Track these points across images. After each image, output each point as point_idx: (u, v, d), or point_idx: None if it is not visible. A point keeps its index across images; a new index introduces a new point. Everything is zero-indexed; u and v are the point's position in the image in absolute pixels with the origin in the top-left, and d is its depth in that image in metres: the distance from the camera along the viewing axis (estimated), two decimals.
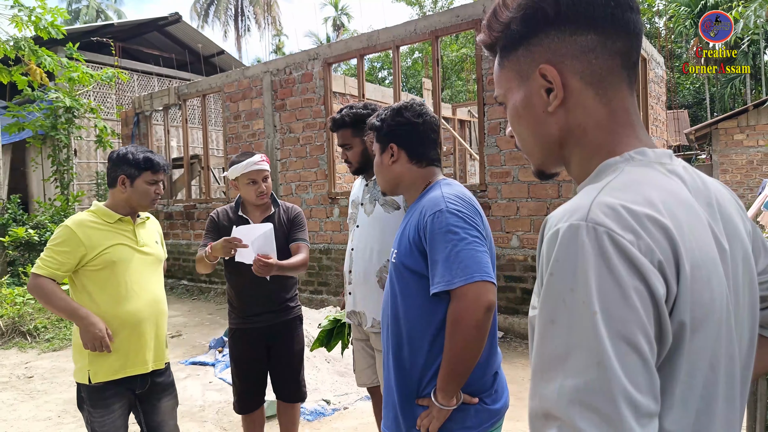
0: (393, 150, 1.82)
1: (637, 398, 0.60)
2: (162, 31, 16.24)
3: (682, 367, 0.67)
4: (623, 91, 0.79)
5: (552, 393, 0.63)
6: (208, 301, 8.66)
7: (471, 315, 1.52)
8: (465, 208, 1.63)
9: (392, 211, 2.41)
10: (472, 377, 1.59)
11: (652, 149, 0.78)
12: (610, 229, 0.64)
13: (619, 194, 0.68)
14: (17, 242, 8.24)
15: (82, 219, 2.39)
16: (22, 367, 5.48)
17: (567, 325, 0.64)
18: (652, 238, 0.65)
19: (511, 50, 0.84)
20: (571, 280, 0.65)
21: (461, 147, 12.26)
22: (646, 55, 8.00)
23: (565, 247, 0.66)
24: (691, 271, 0.66)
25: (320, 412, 3.98)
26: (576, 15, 0.77)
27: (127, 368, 2.38)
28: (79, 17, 37.90)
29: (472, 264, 1.54)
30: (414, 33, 6.63)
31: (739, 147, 15.10)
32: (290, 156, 7.95)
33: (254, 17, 39.34)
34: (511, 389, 1.97)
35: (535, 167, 0.90)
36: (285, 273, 2.80)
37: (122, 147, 2.50)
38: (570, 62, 0.78)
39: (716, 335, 0.69)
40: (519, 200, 5.82)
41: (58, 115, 9.61)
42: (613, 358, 0.60)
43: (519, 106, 0.85)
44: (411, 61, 30.10)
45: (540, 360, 0.67)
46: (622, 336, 0.61)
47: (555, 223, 0.70)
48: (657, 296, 0.63)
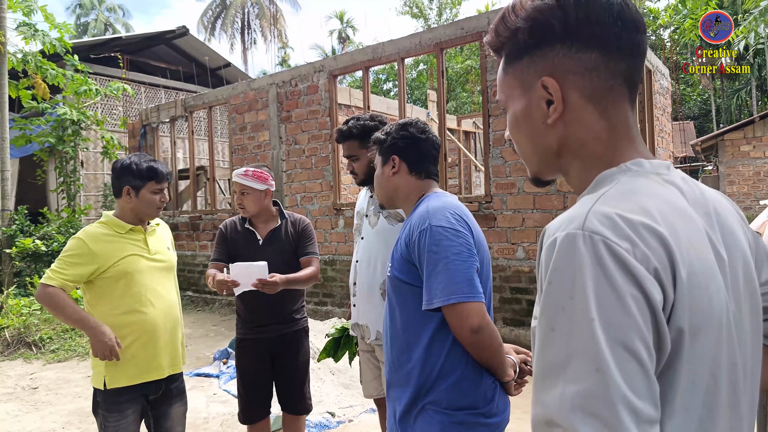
0: (395, 161, 1.87)
1: (637, 404, 0.60)
2: (169, 44, 16.40)
3: (683, 373, 0.67)
4: (624, 107, 0.81)
5: (554, 400, 0.63)
6: (212, 313, 8.66)
7: (460, 336, 1.57)
8: (449, 221, 1.63)
9: (396, 223, 2.41)
10: (466, 390, 1.60)
11: (649, 160, 0.78)
12: (606, 237, 0.65)
13: (616, 203, 0.69)
14: (24, 253, 8.28)
15: (94, 231, 2.41)
16: (27, 378, 5.48)
17: (566, 332, 0.64)
18: (647, 246, 0.65)
19: (515, 58, 0.85)
20: (569, 288, 0.65)
21: (466, 158, 12.27)
22: (651, 66, 8.00)
23: (562, 256, 0.67)
24: (687, 278, 0.67)
25: (325, 424, 3.95)
26: (583, 33, 0.78)
27: (142, 374, 2.42)
28: (87, 31, 38.36)
29: (451, 285, 1.54)
30: (419, 45, 6.66)
31: (745, 158, 15.05)
32: (295, 167, 7.98)
33: (260, 30, 39.68)
34: (516, 402, 1.95)
35: (532, 174, 0.91)
36: (294, 287, 2.80)
37: (125, 156, 2.52)
38: (572, 78, 0.79)
39: (716, 342, 0.69)
40: (524, 211, 5.81)
41: (64, 128, 9.70)
42: (611, 364, 0.60)
43: (519, 114, 0.86)
44: (416, 73, 30.23)
45: (541, 367, 0.67)
46: (620, 342, 0.61)
47: (552, 233, 0.71)
48: (654, 303, 0.64)
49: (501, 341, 1.64)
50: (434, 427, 1.60)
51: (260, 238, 2.93)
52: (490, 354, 1.61)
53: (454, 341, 1.60)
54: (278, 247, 2.91)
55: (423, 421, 1.62)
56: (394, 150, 1.87)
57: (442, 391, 1.60)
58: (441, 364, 1.61)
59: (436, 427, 1.59)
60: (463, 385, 1.60)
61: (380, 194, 1.95)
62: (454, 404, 1.59)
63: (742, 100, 25.72)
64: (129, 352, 2.38)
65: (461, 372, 1.60)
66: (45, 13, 8.92)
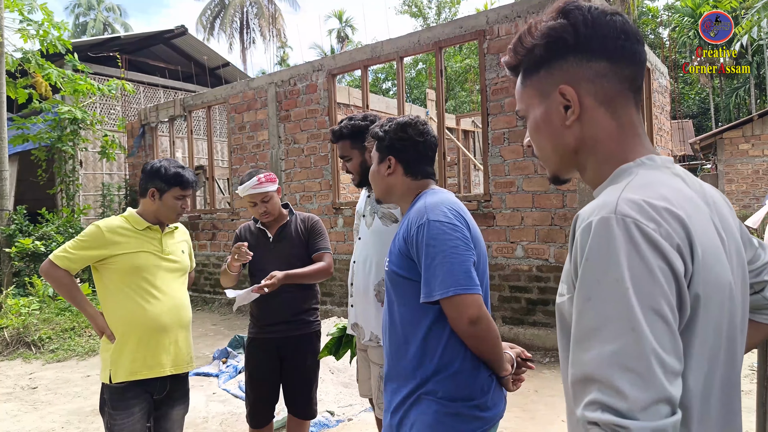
0: (391, 162, 1.87)
1: (665, 358, 0.71)
2: (168, 44, 16.36)
3: (698, 333, 0.80)
4: (630, 108, 0.93)
5: (591, 359, 0.74)
6: (212, 312, 8.66)
7: (458, 328, 1.60)
8: (446, 215, 1.66)
9: (390, 224, 2.41)
10: (463, 382, 1.62)
11: (660, 156, 0.91)
12: (636, 219, 0.77)
13: (640, 191, 0.81)
14: (23, 253, 8.27)
15: (112, 223, 2.52)
16: (26, 378, 5.48)
17: (602, 300, 0.75)
18: (670, 226, 0.77)
19: (533, 72, 0.98)
20: (605, 262, 0.76)
21: (465, 157, 12.27)
22: (650, 65, 8.01)
23: (598, 236, 0.78)
24: (702, 254, 0.79)
25: (324, 423, 3.95)
26: (592, 45, 0.91)
27: (143, 370, 2.44)
28: (86, 30, 38.31)
29: (449, 277, 1.57)
30: (418, 44, 6.66)
31: (744, 157, 15.06)
32: (294, 167, 7.98)
33: (259, 30, 39.64)
34: (514, 401, 1.95)
35: (551, 173, 1.03)
36: (300, 281, 2.84)
37: (156, 160, 2.63)
38: (585, 84, 0.92)
39: (720, 309, 0.82)
40: (523, 210, 5.81)
41: (63, 127, 9.68)
42: (644, 324, 0.72)
43: (539, 119, 0.98)
44: (415, 72, 30.22)
45: (578, 333, 0.78)
46: (650, 307, 0.73)
47: (587, 217, 0.82)
48: (677, 273, 0.76)
49: (498, 334, 1.66)
50: (428, 417, 1.61)
51: (271, 235, 2.98)
52: (488, 346, 1.63)
53: (452, 333, 1.62)
54: (288, 243, 2.95)
55: (417, 410, 1.63)
56: (391, 151, 1.88)
57: (438, 381, 1.62)
58: (438, 357, 1.63)
59: (430, 417, 1.61)
60: (460, 377, 1.62)
61: (375, 189, 1.98)
62: (450, 395, 1.61)
63: (740, 98, 25.73)
64: (130, 346, 2.42)
65: (459, 364, 1.62)
66: (45, 11, 8.90)
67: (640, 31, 0.89)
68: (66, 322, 6.99)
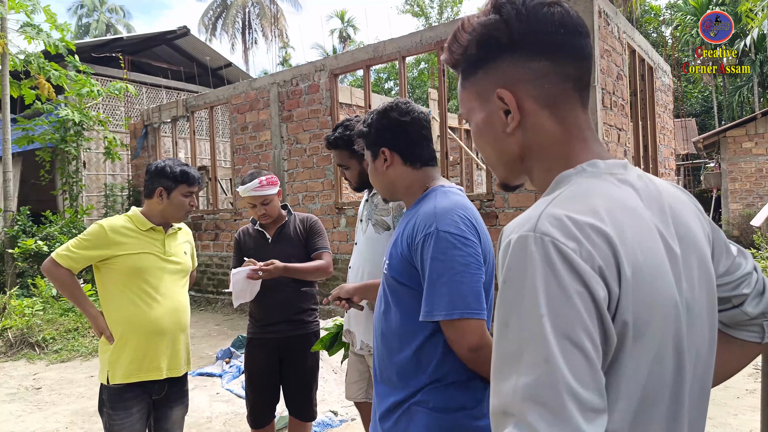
0: (385, 154, 1.71)
1: (581, 393, 0.63)
2: (170, 45, 16.39)
3: (628, 364, 0.71)
4: (576, 110, 0.85)
5: (507, 390, 0.67)
6: (215, 312, 8.67)
7: (457, 351, 1.47)
8: (457, 225, 1.51)
9: (382, 232, 2.32)
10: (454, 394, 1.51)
11: (604, 161, 0.82)
12: (555, 238, 0.70)
13: (567, 205, 0.74)
14: (26, 254, 8.29)
15: (115, 223, 2.51)
16: (30, 379, 5.49)
17: (518, 327, 0.68)
18: (593, 245, 0.70)
19: (471, 73, 0.89)
20: (521, 286, 0.70)
21: (468, 157, 12.27)
22: (652, 63, 7.99)
23: (515, 256, 0.71)
24: (632, 273, 0.71)
25: (327, 423, 3.96)
26: (528, 42, 0.82)
27: (141, 372, 2.44)
28: (89, 32, 38.42)
29: (457, 299, 1.43)
30: (420, 44, 6.66)
31: (747, 155, 14.99)
32: (297, 167, 7.98)
33: (261, 30, 39.67)
34: None
35: (500, 180, 0.95)
36: (300, 276, 2.85)
37: (160, 160, 2.62)
38: (525, 86, 0.83)
39: (662, 333, 0.74)
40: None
41: (66, 128, 9.71)
42: (558, 355, 0.64)
43: (481, 125, 0.90)
44: (417, 71, 30.21)
45: (497, 360, 0.71)
46: (566, 335, 0.65)
47: (508, 235, 0.76)
48: (597, 299, 0.68)
49: None
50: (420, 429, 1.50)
51: (269, 237, 2.99)
52: (486, 369, 1.45)
53: (448, 347, 1.50)
54: (287, 244, 2.95)
55: (408, 422, 1.53)
56: (381, 142, 1.71)
57: (429, 392, 1.51)
58: (432, 369, 1.51)
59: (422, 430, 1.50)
60: (453, 387, 1.51)
61: (378, 189, 1.82)
62: (443, 405, 1.50)
63: (743, 96, 25.64)
64: (127, 348, 2.41)
65: (453, 377, 1.52)
66: (48, 13, 8.93)
67: (583, 22, 0.80)
68: (70, 322, 7.01)
